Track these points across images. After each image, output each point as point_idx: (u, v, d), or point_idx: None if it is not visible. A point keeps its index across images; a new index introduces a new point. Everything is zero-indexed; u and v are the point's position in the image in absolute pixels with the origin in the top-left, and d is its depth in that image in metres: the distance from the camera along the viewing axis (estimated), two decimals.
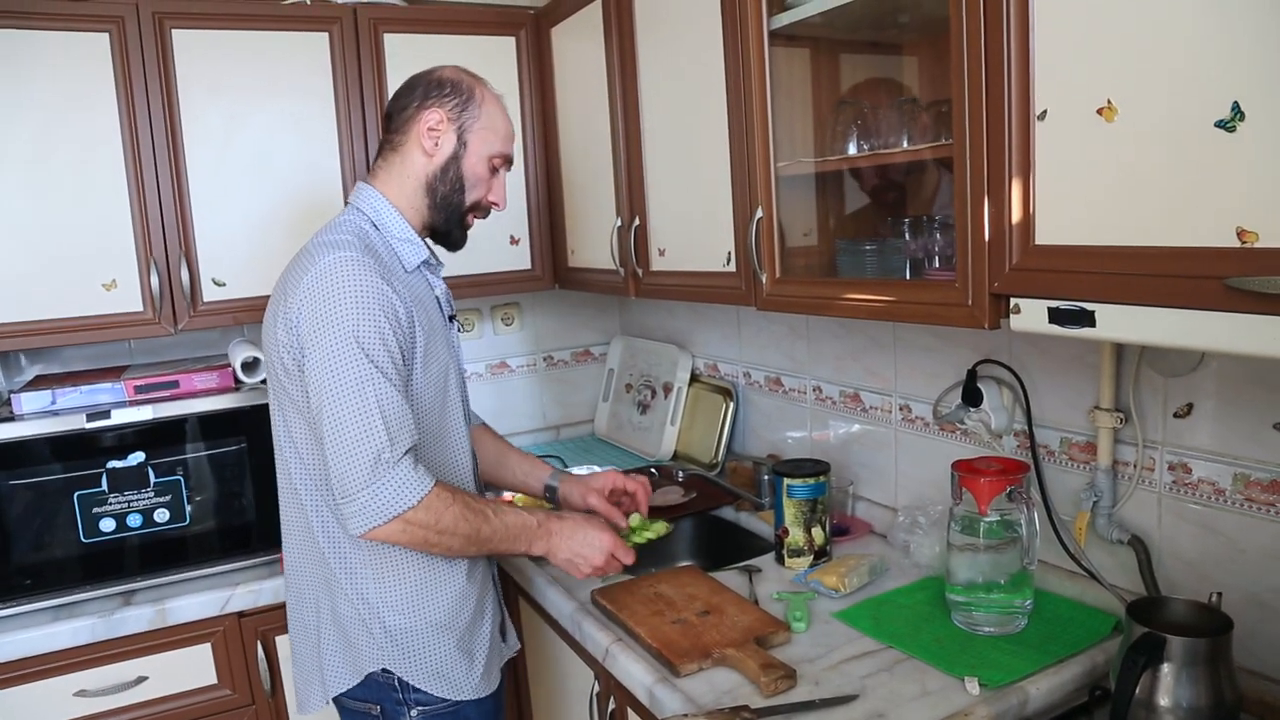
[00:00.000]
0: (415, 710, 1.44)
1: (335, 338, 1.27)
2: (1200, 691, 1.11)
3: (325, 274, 1.30)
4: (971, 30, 1.16)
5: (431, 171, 1.47)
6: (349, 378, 1.27)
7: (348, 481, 1.27)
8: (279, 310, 1.36)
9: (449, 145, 1.47)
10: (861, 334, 1.95)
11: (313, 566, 1.46)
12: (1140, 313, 1.03)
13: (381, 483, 1.27)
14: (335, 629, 1.44)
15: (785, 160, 1.59)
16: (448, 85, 1.46)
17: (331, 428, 1.27)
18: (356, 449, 1.26)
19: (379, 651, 1.42)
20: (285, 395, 1.39)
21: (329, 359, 1.27)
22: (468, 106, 1.47)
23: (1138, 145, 1.00)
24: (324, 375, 1.28)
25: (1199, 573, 1.37)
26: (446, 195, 1.48)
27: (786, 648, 1.46)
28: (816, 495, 1.76)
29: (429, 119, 1.45)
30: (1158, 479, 1.42)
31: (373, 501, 1.27)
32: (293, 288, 1.33)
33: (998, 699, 1.27)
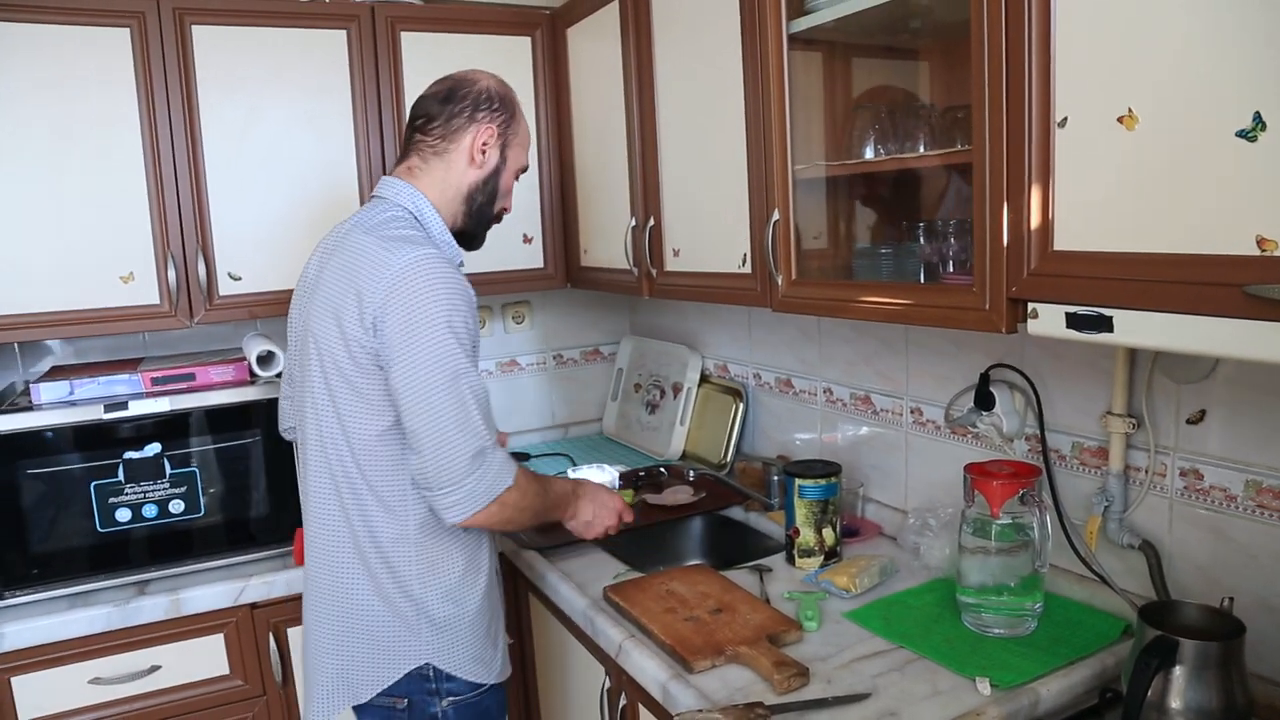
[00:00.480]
0: (446, 700, 1.46)
1: (432, 335, 1.31)
2: (1212, 695, 1.12)
3: (413, 271, 1.32)
4: (993, 38, 1.18)
5: (474, 182, 1.51)
6: (447, 372, 1.31)
7: (452, 471, 1.32)
8: (345, 303, 1.35)
9: (494, 159, 1.52)
10: (873, 337, 1.96)
11: (348, 569, 1.44)
12: (1158, 319, 1.04)
13: (484, 469, 1.34)
14: (369, 632, 1.44)
15: (802, 164, 1.60)
16: (496, 100, 1.51)
17: (433, 422, 1.31)
18: (459, 440, 1.32)
19: (424, 646, 1.44)
20: (346, 386, 1.37)
21: (427, 356, 1.30)
22: (511, 123, 1.53)
23: (1158, 153, 1.01)
24: (422, 372, 1.30)
25: (1209, 578, 1.39)
26: (482, 205, 1.54)
27: (798, 646, 1.48)
28: (828, 496, 1.77)
29: (484, 134, 1.49)
30: (1169, 484, 1.43)
31: (478, 487, 1.34)
32: (369, 283, 1.33)
33: (1009, 699, 1.28)
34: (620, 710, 1.62)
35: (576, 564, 1.88)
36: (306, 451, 1.48)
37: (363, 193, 2.22)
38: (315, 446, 1.45)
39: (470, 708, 1.49)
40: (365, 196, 2.22)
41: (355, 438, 1.40)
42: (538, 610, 2.02)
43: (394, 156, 2.23)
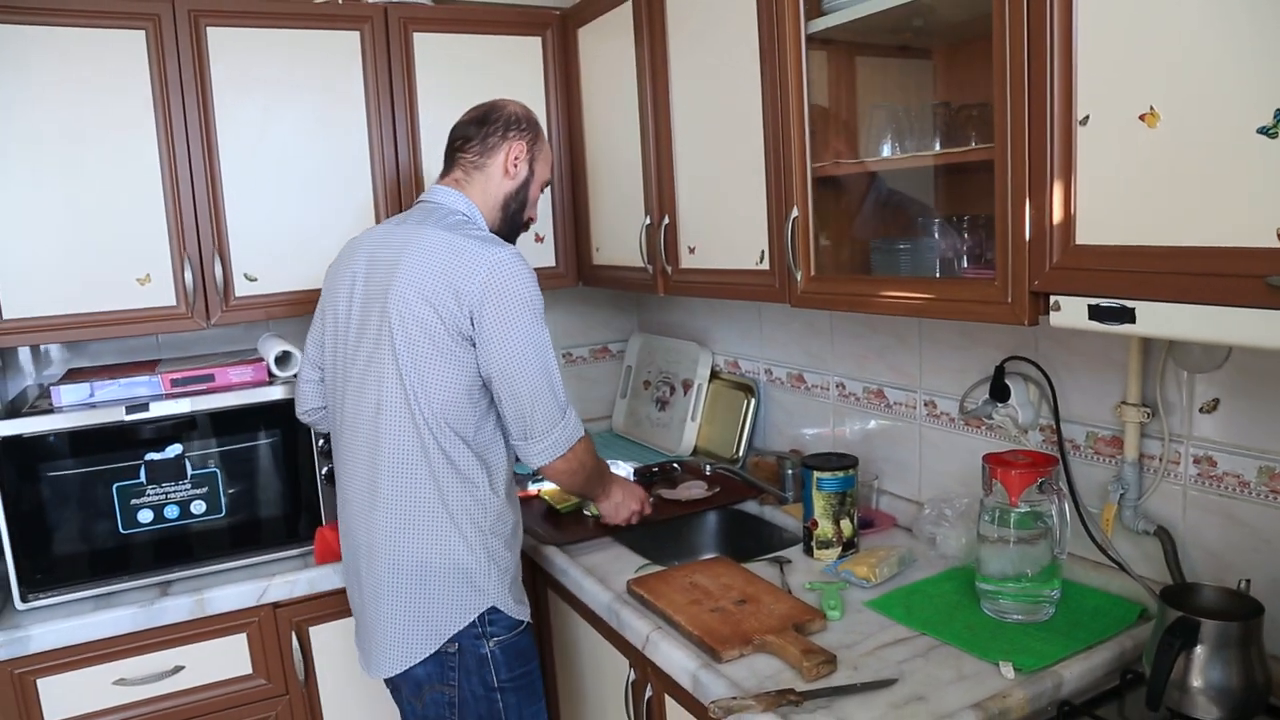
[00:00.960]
0: (493, 641, 1.64)
1: (525, 317, 1.57)
2: (1232, 673, 1.16)
3: (505, 266, 1.56)
4: (1015, 37, 1.21)
5: (508, 191, 1.75)
6: (537, 345, 1.58)
7: (545, 421, 1.60)
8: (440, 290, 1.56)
9: (524, 172, 1.76)
10: (886, 332, 1.99)
11: (433, 517, 1.60)
12: (1180, 310, 1.07)
13: (566, 421, 1.64)
14: (450, 579, 1.61)
15: (820, 161, 1.63)
16: (524, 122, 1.76)
17: (528, 386, 1.58)
18: (549, 398, 1.60)
19: (495, 588, 1.63)
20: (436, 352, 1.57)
21: (523, 332, 1.56)
22: (537, 141, 1.78)
23: (1180, 150, 1.04)
24: (519, 345, 1.56)
25: (1223, 562, 1.42)
26: (515, 212, 1.78)
27: (823, 635, 1.51)
28: (845, 488, 1.80)
29: (515, 150, 1.74)
30: (1183, 472, 1.47)
31: (563, 434, 1.63)
32: (465, 276, 1.55)
33: (1032, 682, 1.32)
34: (646, 702, 1.64)
35: (597, 559, 1.91)
36: (357, 424, 1.64)
37: (377, 193, 2.24)
38: (393, 414, 1.59)
39: (513, 646, 1.66)
40: (380, 196, 2.25)
41: (439, 403, 1.58)
42: (556, 605, 2.04)
43: (407, 156, 2.26)
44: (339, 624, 2.01)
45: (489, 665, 1.64)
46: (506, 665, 1.65)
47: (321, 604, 1.99)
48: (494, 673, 1.64)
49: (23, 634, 1.76)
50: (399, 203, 2.26)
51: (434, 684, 1.65)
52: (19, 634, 1.76)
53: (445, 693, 1.65)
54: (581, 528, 2.06)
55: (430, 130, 2.28)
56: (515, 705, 1.67)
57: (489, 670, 1.64)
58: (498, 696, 1.65)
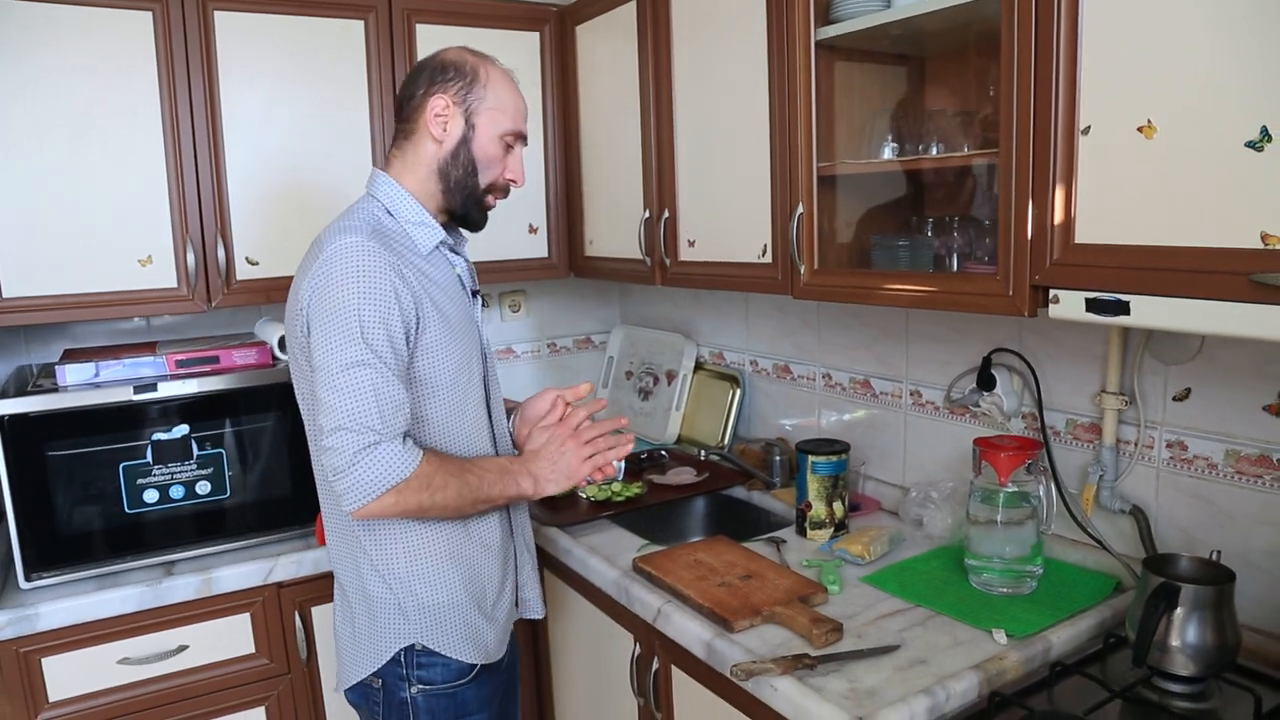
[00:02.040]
0: (416, 687, 1.46)
1: (338, 321, 1.31)
2: (1207, 633, 1.28)
3: (332, 259, 1.33)
4: (1023, 54, 1.31)
5: (442, 157, 1.47)
6: (346, 360, 1.30)
7: (338, 458, 1.29)
8: (297, 292, 1.40)
9: (457, 129, 1.46)
10: (873, 325, 2.10)
11: (347, 544, 1.49)
12: (1171, 303, 1.18)
13: (369, 460, 1.29)
14: (366, 607, 1.47)
15: (825, 161, 1.72)
16: (450, 69, 1.45)
17: (327, 406, 1.30)
18: (348, 428, 1.28)
19: (411, 626, 1.45)
20: (303, 375, 1.45)
21: (330, 341, 1.31)
22: (472, 88, 1.46)
23: (1175, 160, 1.15)
24: (324, 356, 1.31)
25: (1192, 538, 1.56)
26: (460, 179, 1.48)
27: (825, 607, 1.60)
28: (838, 472, 1.90)
29: (435, 105, 1.44)
30: (1156, 455, 1.60)
31: (363, 478, 1.29)
32: (306, 271, 1.39)
33: (1024, 646, 1.43)
34: (653, 675, 1.72)
35: (598, 539, 1.98)
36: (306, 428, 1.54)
37: None
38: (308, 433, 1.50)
39: (445, 696, 1.47)
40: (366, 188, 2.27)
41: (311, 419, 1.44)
42: (553, 584, 2.10)
43: None
44: None
45: (409, 711, 1.46)
46: (430, 714, 1.47)
47: (324, 584, 2.02)
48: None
49: (28, 613, 1.76)
50: None
51: (365, 713, 1.56)
52: (24, 613, 1.76)
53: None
54: (576, 510, 2.12)
55: None
56: None
57: (409, 717, 1.47)
58: None
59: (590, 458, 1.54)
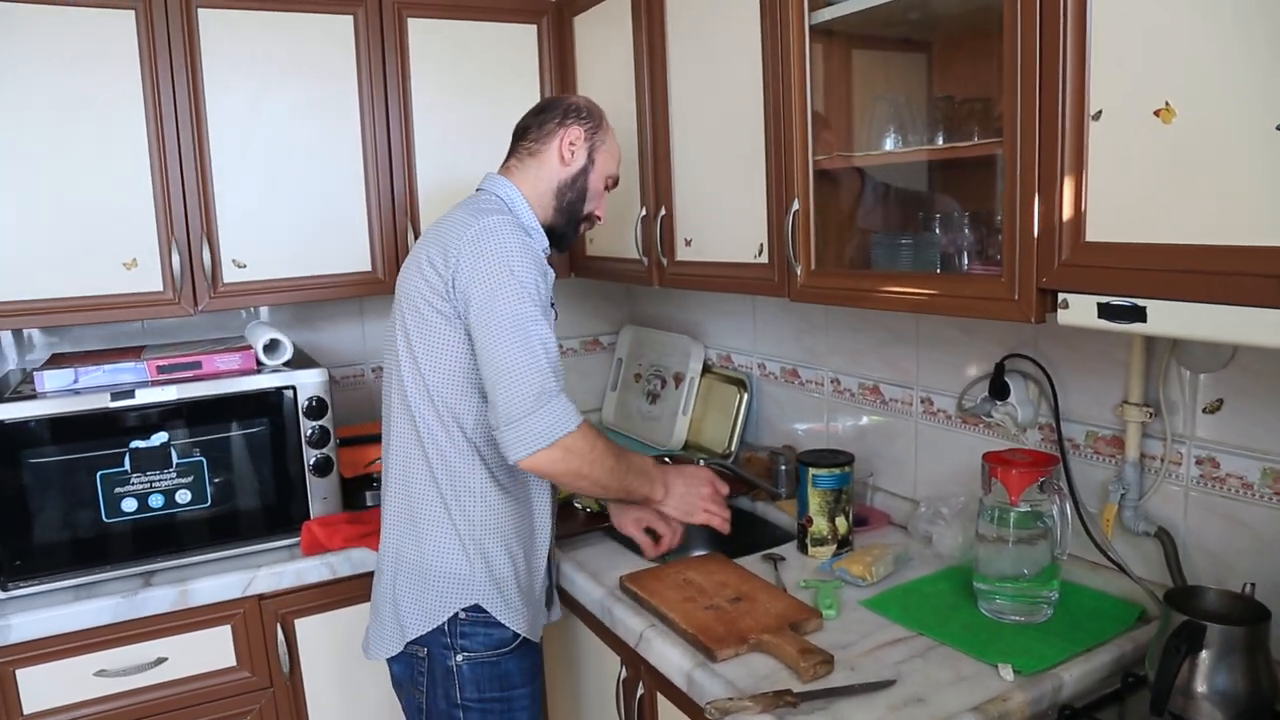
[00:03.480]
0: (462, 655, 1.55)
1: (504, 284, 1.45)
2: (1237, 679, 1.15)
3: (488, 231, 1.48)
4: (1026, 32, 1.19)
5: (564, 178, 1.66)
6: (515, 318, 1.43)
7: (513, 408, 1.41)
8: (429, 263, 1.50)
9: (581, 159, 1.67)
10: (882, 327, 1.98)
11: (425, 505, 1.55)
12: (1193, 309, 1.05)
13: (545, 410, 1.42)
14: (419, 574, 1.55)
15: (821, 154, 1.61)
16: (584, 111, 1.68)
17: (501, 362, 1.42)
18: (523, 380, 1.41)
19: (476, 589, 1.54)
20: (422, 337, 1.51)
21: (501, 301, 1.44)
22: (598, 131, 1.69)
23: (1196, 147, 1.02)
24: (497, 316, 1.43)
25: (1225, 565, 1.41)
26: (571, 201, 1.68)
27: (819, 634, 1.49)
28: (841, 485, 1.79)
29: (571, 134, 1.65)
30: (1185, 473, 1.46)
31: (536, 426, 1.41)
32: (453, 242, 1.49)
33: (1032, 685, 1.30)
34: (638, 700, 1.62)
35: (587, 554, 1.89)
36: (391, 409, 1.61)
37: (368, 179, 2.21)
38: (398, 400, 1.57)
39: (489, 666, 1.56)
40: (372, 183, 2.22)
41: (434, 385, 1.51)
42: None
43: (401, 143, 2.24)
44: (325, 616, 1.98)
45: (453, 679, 1.56)
46: (475, 684, 1.56)
47: (308, 596, 1.96)
48: (459, 689, 1.56)
49: (2, 623, 1.72)
50: (390, 189, 2.23)
51: (408, 685, 1.63)
52: None
53: (416, 697, 1.61)
54: (572, 521, 2.03)
55: (423, 116, 2.25)
56: None
57: (453, 685, 1.56)
58: (460, 715, 1.56)
59: (709, 510, 1.72)
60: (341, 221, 2.19)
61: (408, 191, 2.25)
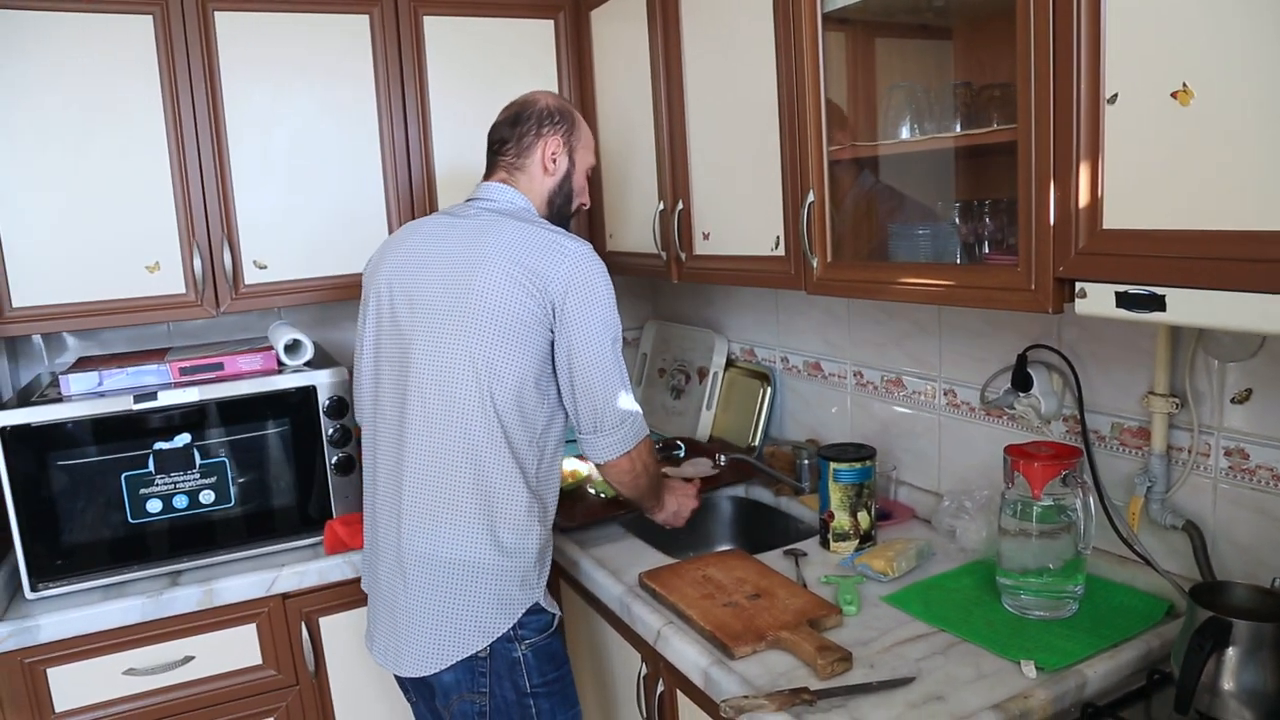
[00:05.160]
0: (525, 644, 1.58)
1: (604, 312, 1.57)
2: (1266, 676, 1.11)
3: (586, 260, 1.56)
4: (1039, 14, 1.16)
5: (551, 187, 1.72)
6: (615, 339, 1.58)
7: (617, 414, 1.59)
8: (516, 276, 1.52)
9: (564, 165, 1.73)
10: (905, 319, 1.95)
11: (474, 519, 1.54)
12: (1214, 297, 1.02)
13: (636, 417, 1.63)
14: (477, 579, 1.55)
15: (836, 144, 1.58)
16: (557, 115, 1.72)
17: (604, 375, 1.56)
18: (622, 392, 1.59)
19: (537, 583, 1.60)
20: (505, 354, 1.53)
21: (602, 325, 1.56)
22: (573, 131, 1.73)
23: (1215, 129, 0.99)
24: (598, 337, 1.56)
25: (1254, 558, 1.37)
26: (560, 205, 1.75)
27: (839, 631, 1.47)
28: (863, 480, 1.76)
29: (550, 145, 1.70)
30: (1213, 464, 1.42)
31: (631, 430, 1.62)
32: (548, 266, 1.53)
33: (1055, 682, 1.28)
34: (659, 697, 1.61)
35: (609, 550, 1.88)
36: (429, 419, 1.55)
37: (387, 178, 2.21)
38: (451, 407, 1.54)
39: (545, 649, 1.61)
40: (390, 182, 2.22)
41: (510, 389, 1.54)
42: (569, 597, 2.01)
43: (419, 141, 2.24)
44: (349, 615, 2.00)
45: (521, 669, 1.58)
46: (539, 669, 1.59)
47: (331, 594, 1.98)
48: (526, 677, 1.58)
49: (33, 624, 1.75)
50: (409, 188, 2.23)
51: (463, 692, 1.57)
52: (29, 624, 1.75)
53: (475, 701, 1.57)
54: (586, 507, 2.03)
55: (441, 114, 2.25)
56: (549, 711, 1.61)
57: (521, 675, 1.58)
58: (530, 702, 1.59)
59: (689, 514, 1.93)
60: (361, 220, 2.20)
61: (426, 189, 2.25)
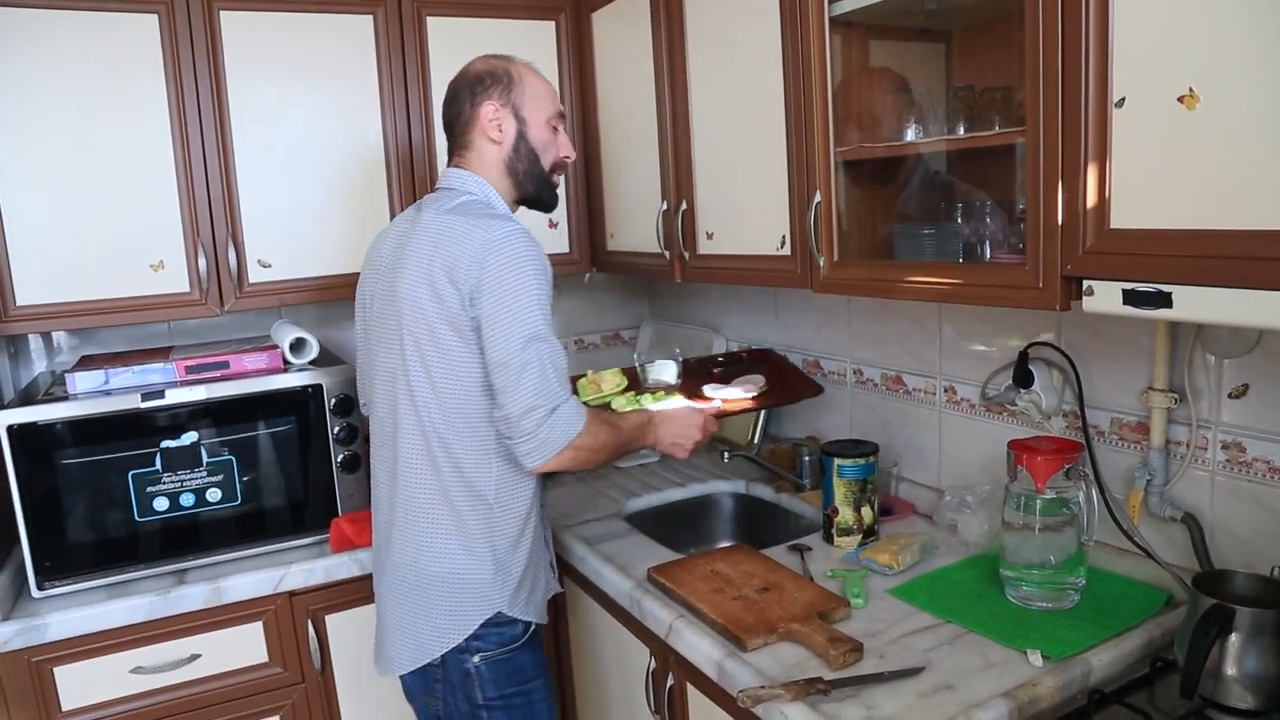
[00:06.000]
0: (478, 656, 1.55)
1: (518, 302, 1.44)
2: (1268, 662, 1.15)
3: (503, 243, 1.45)
4: (1048, 19, 1.19)
5: (506, 155, 1.60)
6: (528, 335, 1.44)
7: (526, 422, 1.44)
8: (438, 277, 1.46)
9: (511, 127, 1.60)
10: (905, 317, 1.98)
11: (440, 524, 1.53)
12: (1219, 294, 1.06)
13: (554, 420, 1.46)
14: (445, 587, 1.53)
15: (843, 145, 1.61)
16: (486, 78, 1.59)
17: (513, 378, 1.44)
18: (535, 395, 1.44)
19: (498, 596, 1.54)
20: (437, 352, 1.49)
21: (514, 320, 1.44)
22: (511, 88, 1.59)
23: (1220, 133, 1.02)
24: (508, 334, 1.44)
25: (1252, 549, 1.41)
26: (528, 169, 1.62)
27: (848, 623, 1.50)
28: (866, 475, 1.79)
29: (485, 112, 1.58)
30: (1211, 458, 1.46)
31: (549, 436, 1.46)
32: (462, 255, 1.45)
33: (1062, 670, 1.31)
34: (668, 691, 1.64)
35: (615, 546, 1.90)
36: (383, 421, 1.60)
37: (391, 177, 2.22)
38: (407, 412, 1.53)
39: (504, 663, 1.56)
40: (394, 181, 2.23)
41: (447, 398, 1.50)
42: (573, 592, 2.03)
43: (421, 142, 2.25)
44: (355, 612, 2.00)
45: (473, 681, 1.55)
46: (495, 683, 1.56)
47: (338, 592, 1.98)
48: (480, 690, 1.55)
49: (40, 622, 1.75)
50: (413, 187, 2.24)
51: (425, 696, 1.63)
52: (36, 622, 1.75)
53: (433, 705, 1.62)
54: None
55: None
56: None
57: (474, 687, 1.56)
58: (485, 715, 1.56)
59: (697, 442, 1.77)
60: (365, 219, 2.21)
61: (430, 188, 2.26)
